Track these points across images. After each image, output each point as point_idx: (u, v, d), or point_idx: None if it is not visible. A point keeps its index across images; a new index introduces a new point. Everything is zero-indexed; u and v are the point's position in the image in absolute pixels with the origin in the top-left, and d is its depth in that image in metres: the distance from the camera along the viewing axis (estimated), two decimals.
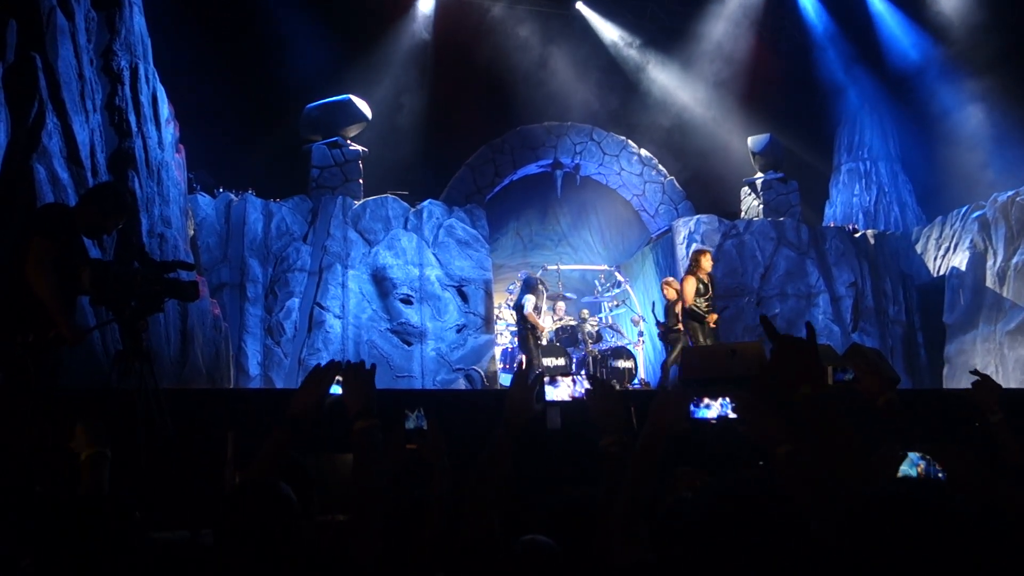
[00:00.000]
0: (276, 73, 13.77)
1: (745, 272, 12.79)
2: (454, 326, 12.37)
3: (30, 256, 4.49)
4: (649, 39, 16.20)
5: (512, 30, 15.36)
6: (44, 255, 4.53)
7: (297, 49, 13.77)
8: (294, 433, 2.62)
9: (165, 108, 9.67)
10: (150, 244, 8.60)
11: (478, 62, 15.20)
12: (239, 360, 11.01)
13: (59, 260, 4.63)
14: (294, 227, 12.15)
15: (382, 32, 15.01)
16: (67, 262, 4.69)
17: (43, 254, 4.53)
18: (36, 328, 4.45)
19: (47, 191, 7.73)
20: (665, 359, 10.39)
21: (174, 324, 8.70)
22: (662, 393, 2.44)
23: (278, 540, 2.15)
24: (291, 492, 2.24)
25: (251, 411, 6.39)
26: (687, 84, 15.90)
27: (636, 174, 15.86)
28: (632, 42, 16.17)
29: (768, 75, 15.57)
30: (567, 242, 16.14)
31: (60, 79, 8.31)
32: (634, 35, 16.24)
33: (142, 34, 9.58)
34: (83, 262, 4.91)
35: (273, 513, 2.16)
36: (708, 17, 15.81)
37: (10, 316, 4.45)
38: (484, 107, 15.16)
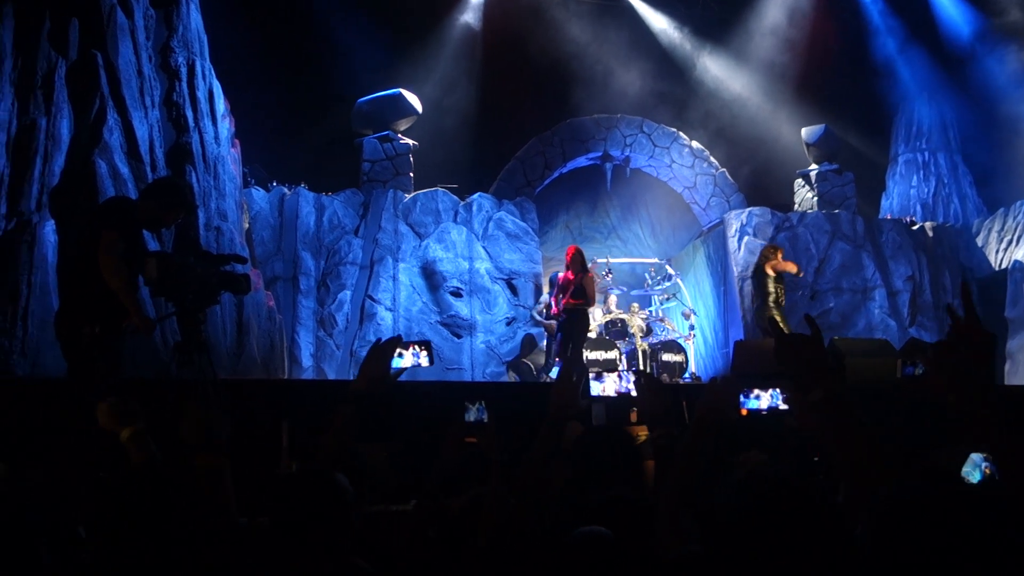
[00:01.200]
0: (328, 68, 13.91)
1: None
2: (504, 319, 12.41)
3: (101, 249, 4.57)
4: (700, 28, 16.03)
5: (562, 21, 15.31)
6: (114, 248, 4.61)
7: (349, 43, 13.89)
8: (359, 410, 2.65)
9: (221, 103, 9.84)
10: (207, 237, 8.76)
11: (527, 54, 15.18)
12: (292, 351, 11.17)
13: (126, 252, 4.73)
14: (346, 220, 12.28)
15: (432, 25, 15.07)
16: (131, 254, 4.79)
17: (113, 247, 4.61)
18: (103, 319, 4.54)
19: (108, 185, 7.93)
20: None
21: (230, 316, 8.86)
22: (711, 384, 2.44)
23: (332, 528, 2.19)
24: (346, 482, 2.28)
25: (304, 401, 6.50)
26: (739, 74, 15.70)
27: (687, 166, 15.71)
28: (683, 31, 16.01)
29: (822, 64, 15.29)
30: (617, 235, 16.06)
31: (120, 76, 8.50)
32: (685, 24, 16.08)
33: (199, 31, 9.75)
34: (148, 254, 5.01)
35: (328, 502, 2.21)
36: (760, 4, 15.59)
37: (79, 307, 4.56)
38: (533, 99, 15.14)
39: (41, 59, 8.27)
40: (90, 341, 4.46)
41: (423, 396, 6.35)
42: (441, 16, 15.16)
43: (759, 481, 1.77)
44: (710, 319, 13.07)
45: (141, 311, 4.79)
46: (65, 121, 8.25)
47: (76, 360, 4.52)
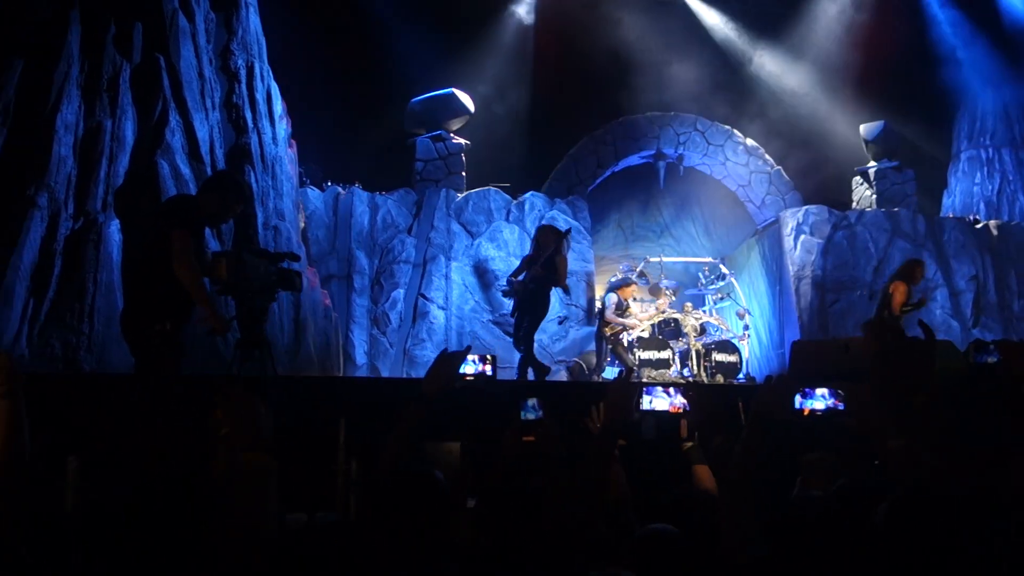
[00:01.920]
0: (381, 68, 14.02)
1: (857, 265, 12.39)
2: (555, 318, 12.39)
3: (173, 249, 4.59)
4: (754, 22, 15.82)
5: (614, 17, 15.24)
6: (186, 247, 4.65)
7: (402, 44, 13.99)
8: (427, 411, 2.72)
9: (278, 105, 10.00)
10: (265, 236, 8.91)
11: (580, 51, 15.14)
12: (346, 349, 11.30)
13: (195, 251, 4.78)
14: (399, 219, 12.39)
15: (484, 24, 15.11)
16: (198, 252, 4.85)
17: (185, 247, 4.64)
18: (172, 316, 4.61)
19: (170, 185, 8.11)
20: None
21: (288, 314, 9.00)
22: (765, 385, 2.42)
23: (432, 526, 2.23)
24: (444, 479, 2.32)
25: (360, 398, 6.57)
26: (795, 69, 15.46)
27: (742, 164, 15.52)
28: (737, 26, 15.82)
29: (881, 57, 14.98)
30: (670, 233, 15.95)
31: (182, 79, 8.69)
32: (740, 19, 15.88)
33: (257, 34, 9.92)
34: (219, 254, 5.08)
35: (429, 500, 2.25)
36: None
37: (149, 304, 4.61)
38: (586, 97, 15.10)
39: (106, 63, 8.48)
40: (161, 338, 4.51)
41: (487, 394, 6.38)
42: (493, 15, 15.18)
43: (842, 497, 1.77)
44: (765, 319, 12.92)
45: (218, 311, 4.83)
46: (129, 123, 8.46)
47: (147, 357, 4.57)
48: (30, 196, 7.68)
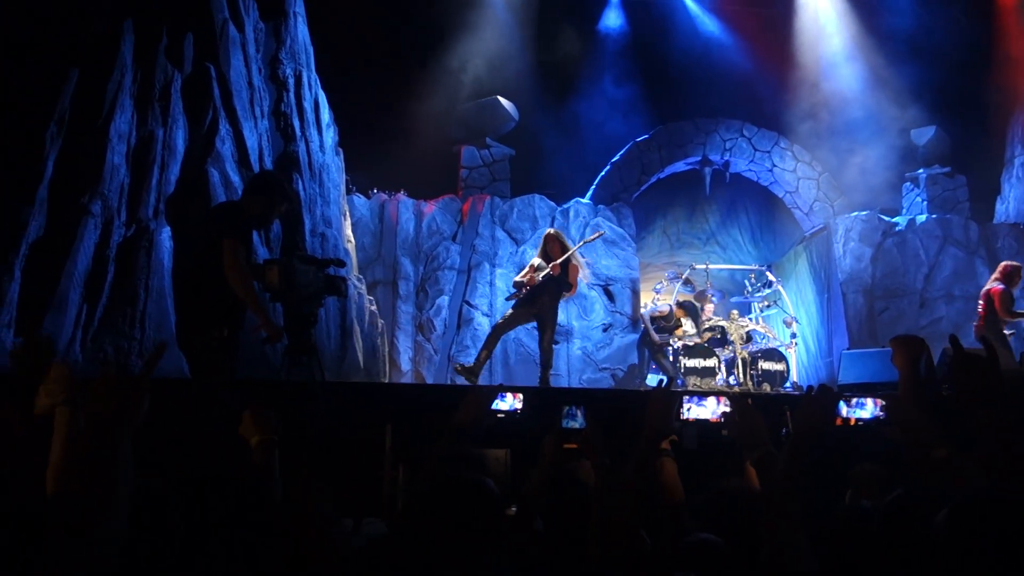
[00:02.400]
0: (427, 75, 14.10)
1: (907, 272, 12.18)
2: (600, 325, 12.36)
3: (225, 259, 4.63)
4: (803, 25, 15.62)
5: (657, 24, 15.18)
6: (238, 256, 4.68)
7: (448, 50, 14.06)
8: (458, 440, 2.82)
9: (326, 113, 10.10)
10: (312, 243, 9.00)
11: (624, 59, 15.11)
12: (392, 356, 11.36)
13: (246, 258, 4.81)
14: (444, 226, 12.44)
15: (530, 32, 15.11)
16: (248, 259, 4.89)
17: (237, 255, 4.68)
18: (228, 322, 4.65)
19: (220, 193, 8.23)
20: None
21: (335, 320, 9.07)
22: (807, 395, 2.38)
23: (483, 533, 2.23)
24: (495, 488, 2.33)
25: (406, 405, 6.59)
26: (844, 74, 15.25)
27: (789, 170, 15.32)
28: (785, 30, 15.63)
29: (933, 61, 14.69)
30: (716, 241, 15.81)
31: (232, 88, 8.82)
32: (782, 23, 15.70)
33: (305, 43, 10.04)
34: (270, 261, 5.13)
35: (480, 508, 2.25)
36: None
37: (206, 311, 4.65)
38: (631, 104, 15.03)
39: (158, 73, 8.63)
40: (220, 344, 4.56)
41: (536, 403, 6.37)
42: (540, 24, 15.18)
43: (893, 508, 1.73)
44: (812, 327, 12.74)
45: (271, 318, 4.86)
46: (180, 132, 8.60)
47: (206, 363, 4.59)
48: (84, 204, 7.83)
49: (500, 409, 3.28)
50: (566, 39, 15.19)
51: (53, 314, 7.41)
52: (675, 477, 3.26)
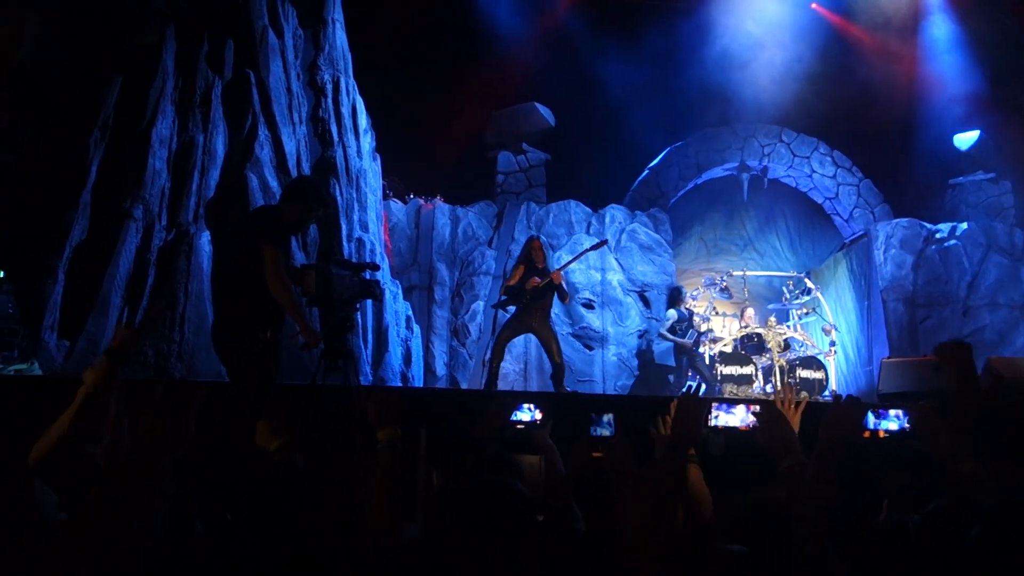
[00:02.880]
0: (463, 81, 14.15)
1: (950, 280, 11.96)
2: (636, 331, 12.29)
3: (266, 266, 4.65)
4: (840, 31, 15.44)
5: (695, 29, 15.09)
6: (279, 263, 4.71)
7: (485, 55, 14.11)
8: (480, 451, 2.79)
9: (363, 118, 10.17)
10: (349, 248, 9.06)
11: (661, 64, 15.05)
12: (427, 360, 11.39)
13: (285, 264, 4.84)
14: (480, 232, 12.46)
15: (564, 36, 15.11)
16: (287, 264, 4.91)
17: (277, 262, 4.70)
18: (271, 325, 4.67)
19: (259, 198, 8.32)
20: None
21: (370, 324, 9.12)
22: (835, 405, 2.34)
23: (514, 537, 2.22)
24: (526, 491, 2.32)
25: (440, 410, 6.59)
26: (885, 78, 15.03)
27: (829, 176, 15.13)
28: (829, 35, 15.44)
29: (977, 65, 14.44)
30: (753, 247, 15.65)
31: (271, 94, 8.92)
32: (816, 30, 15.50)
33: (343, 49, 10.12)
34: (307, 267, 5.16)
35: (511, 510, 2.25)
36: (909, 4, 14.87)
37: (250, 314, 4.68)
38: (667, 108, 14.95)
39: (199, 79, 8.76)
40: (262, 346, 4.58)
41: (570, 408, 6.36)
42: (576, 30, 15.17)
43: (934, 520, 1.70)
44: (852, 335, 12.56)
45: (310, 325, 4.89)
46: (220, 137, 8.72)
47: (249, 366, 4.61)
48: (126, 208, 7.97)
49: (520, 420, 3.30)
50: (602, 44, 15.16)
51: (95, 316, 7.55)
52: (701, 483, 3.22)
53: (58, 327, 7.59)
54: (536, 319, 8.18)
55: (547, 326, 8.31)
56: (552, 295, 8.21)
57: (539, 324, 8.22)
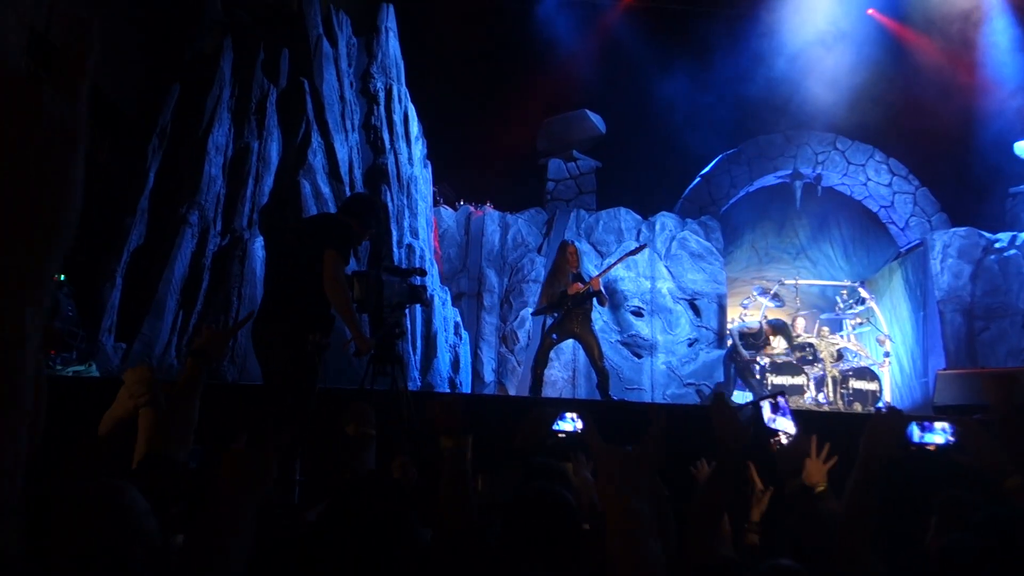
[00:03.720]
0: (515, 89, 14.19)
1: (1009, 290, 11.64)
2: (686, 340, 12.19)
3: (328, 270, 4.69)
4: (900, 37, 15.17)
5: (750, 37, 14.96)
6: (340, 269, 4.75)
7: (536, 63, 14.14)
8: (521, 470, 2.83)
9: (415, 126, 10.25)
10: (399, 254, 9.13)
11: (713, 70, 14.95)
12: (475, 366, 11.43)
13: None
14: (529, 238, 12.47)
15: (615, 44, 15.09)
16: None
17: (338, 269, 4.74)
18: (322, 328, 4.74)
19: (311, 204, 8.43)
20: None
21: (420, 331, 9.18)
22: (876, 417, 2.28)
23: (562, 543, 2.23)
24: (572, 500, 2.32)
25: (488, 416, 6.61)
26: (943, 84, 14.72)
27: (884, 184, 14.85)
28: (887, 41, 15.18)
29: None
30: (806, 255, 15.42)
31: (324, 101, 9.04)
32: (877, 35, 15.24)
33: (396, 57, 10.22)
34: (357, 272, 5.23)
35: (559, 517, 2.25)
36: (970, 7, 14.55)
37: (304, 316, 4.75)
38: (720, 116, 14.84)
39: (255, 87, 8.93)
40: (314, 349, 4.64)
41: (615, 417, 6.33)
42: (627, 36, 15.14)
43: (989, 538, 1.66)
44: (907, 346, 12.31)
45: (362, 332, 4.95)
46: (275, 144, 8.86)
47: (300, 367, 4.67)
48: (183, 214, 8.14)
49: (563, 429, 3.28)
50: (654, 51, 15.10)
51: (151, 319, 7.71)
52: None
53: (115, 330, 7.78)
54: (578, 324, 8.09)
55: (589, 330, 8.20)
56: (592, 300, 8.12)
57: (581, 329, 8.12)
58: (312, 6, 9.53)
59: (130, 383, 2.44)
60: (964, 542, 2.33)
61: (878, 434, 2.22)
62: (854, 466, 2.25)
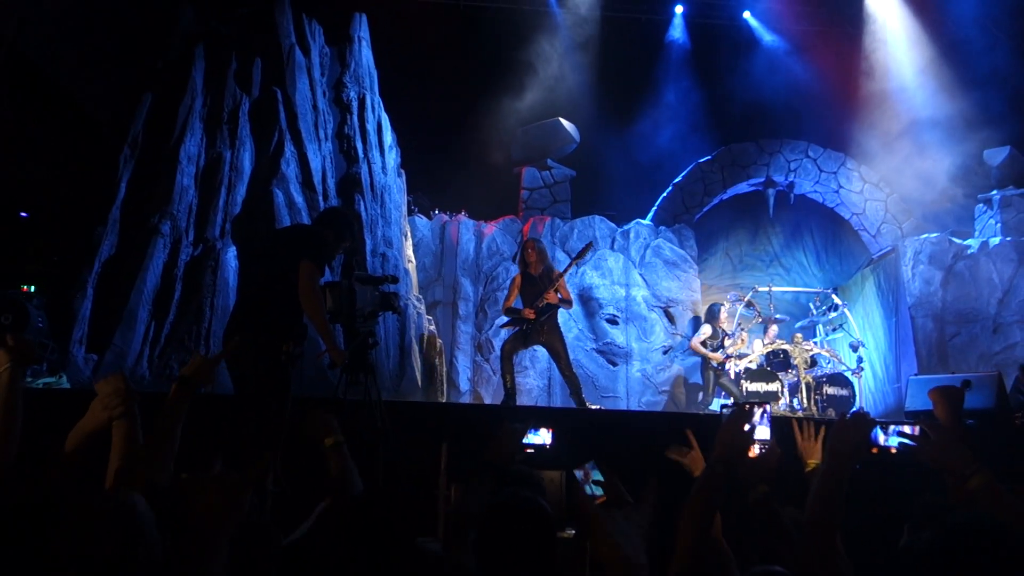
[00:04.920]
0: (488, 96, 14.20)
1: (979, 296, 11.79)
2: (660, 347, 12.24)
3: (303, 281, 4.68)
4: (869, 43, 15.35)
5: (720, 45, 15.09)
6: (315, 280, 4.75)
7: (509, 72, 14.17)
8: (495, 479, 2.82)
9: (388, 135, 10.25)
10: (373, 263, 9.11)
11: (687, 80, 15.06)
12: (450, 375, 11.41)
13: None
14: (504, 247, 12.48)
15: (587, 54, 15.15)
16: None
17: (314, 279, 4.74)
18: (295, 337, 4.72)
19: (284, 214, 8.39)
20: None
21: (393, 339, 9.15)
22: (841, 420, 2.30)
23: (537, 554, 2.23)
24: (548, 507, 2.32)
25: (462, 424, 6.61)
26: (914, 94, 14.90)
27: (856, 192, 15.02)
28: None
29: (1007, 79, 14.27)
30: (779, 262, 15.53)
31: (297, 111, 9.02)
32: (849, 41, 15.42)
33: (369, 67, 10.22)
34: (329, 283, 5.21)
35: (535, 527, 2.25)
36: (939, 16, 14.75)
37: (277, 326, 4.73)
38: (693, 125, 14.93)
39: (228, 96, 8.89)
40: (287, 359, 4.63)
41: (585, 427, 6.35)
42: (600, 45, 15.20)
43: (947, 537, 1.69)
44: (880, 352, 12.43)
45: (336, 343, 4.93)
46: (247, 154, 8.82)
47: (273, 377, 4.64)
48: (154, 224, 8.08)
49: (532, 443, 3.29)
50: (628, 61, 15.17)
51: (123, 330, 7.64)
52: None
53: (86, 341, 7.70)
54: (544, 332, 7.95)
55: (557, 337, 8.05)
56: (556, 308, 8.02)
57: (548, 336, 7.99)
58: (284, 15, 9.51)
59: (103, 394, 2.40)
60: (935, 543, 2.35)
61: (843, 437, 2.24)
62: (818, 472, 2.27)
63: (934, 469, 2.18)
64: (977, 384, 6.89)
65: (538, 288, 7.92)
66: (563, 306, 8.03)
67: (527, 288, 8.00)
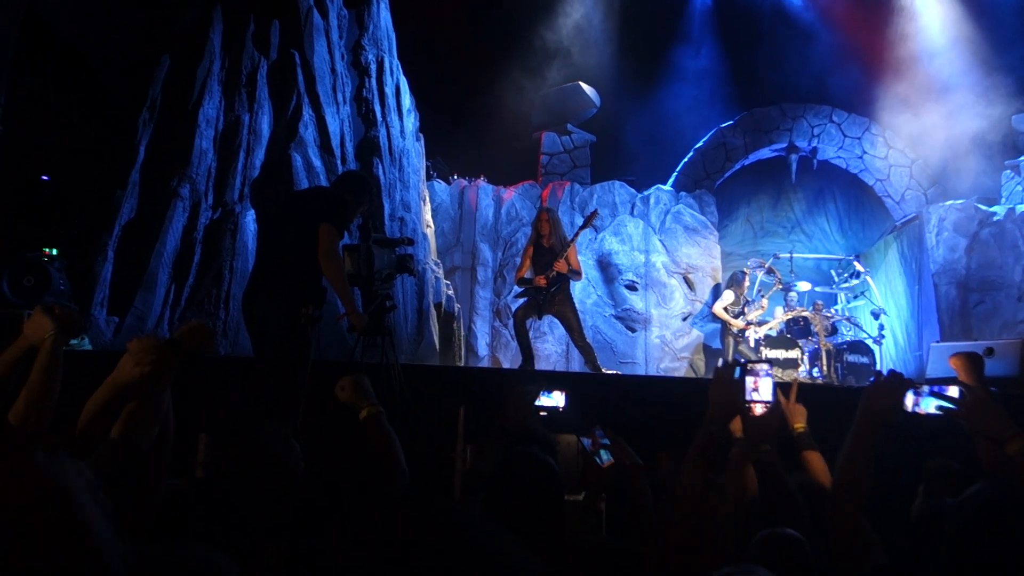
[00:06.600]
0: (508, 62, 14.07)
1: (1004, 264, 11.62)
2: (679, 314, 12.20)
3: (324, 244, 4.68)
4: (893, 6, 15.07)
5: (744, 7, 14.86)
6: (335, 243, 4.74)
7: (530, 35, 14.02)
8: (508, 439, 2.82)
9: (407, 99, 10.18)
10: (391, 227, 9.10)
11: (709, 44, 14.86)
12: (469, 340, 11.43)
13: None
14: (523, 213, 12.43)
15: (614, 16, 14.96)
16: None
17: (334, 242, 4.73)
18: (314, 301, 4.72)
19: (303, 177, 8.38)
20: None
21: (411, 304, 9.17)
22: (874, 383, 2.24)
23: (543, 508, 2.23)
24: (556, 465, 2.32)
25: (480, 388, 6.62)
26: (940, 57, 14.63)
27: (880, 157, 14.80)
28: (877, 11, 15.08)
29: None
30: (801, 229, 15.38)
31: (315, 74, 8.97)
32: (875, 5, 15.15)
33: (388, 29, 10.13)
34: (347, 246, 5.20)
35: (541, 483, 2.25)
36: None
37: (297, 289, 4.72)
38: (715, 90, 14.76)
39: (246, 59, 8.84)
40: (307, 321, 4.62)
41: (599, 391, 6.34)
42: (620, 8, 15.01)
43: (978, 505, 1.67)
44: (902, 320, 12.32)
45: (356, 307, 4.92)
46: (266, 117, 8.80)
47: (292, 340, 4.64)
48: (173, 187, 8.09)
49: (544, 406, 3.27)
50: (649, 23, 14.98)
51: (143, 293, 7.69)
52: None
53: (107, 304, 7.75)
54: (556, 303, 7.87)
55: (569, 306, 7.95)
56: (566, 279, 7.90)
57: (560, 306, 7.91)
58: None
59: (136, 351, 2.35)
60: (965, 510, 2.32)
61: (877, 399, 2.19)
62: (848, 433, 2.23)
63: (968, 433, 2.14)
64: (1000, 351, 6.81)
65: (550, 258, 7.86)
66: (572, 277, 7.88)
67: (540, 258, 7.92)
